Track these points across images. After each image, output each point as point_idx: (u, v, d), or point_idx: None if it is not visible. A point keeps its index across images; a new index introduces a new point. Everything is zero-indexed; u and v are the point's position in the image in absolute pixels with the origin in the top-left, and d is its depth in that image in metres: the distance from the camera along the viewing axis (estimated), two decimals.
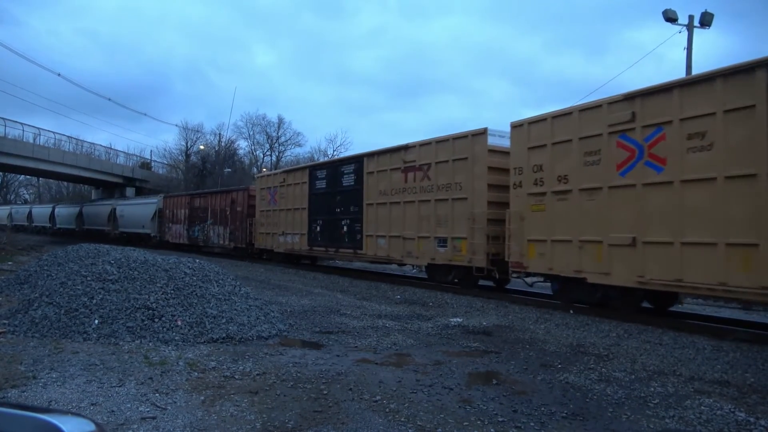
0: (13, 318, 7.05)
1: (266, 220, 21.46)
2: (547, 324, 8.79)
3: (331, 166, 18.03)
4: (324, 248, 17.81)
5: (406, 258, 14.24)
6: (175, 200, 30.47)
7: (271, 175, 22.37)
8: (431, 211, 13.32)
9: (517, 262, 11.03)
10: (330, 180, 17.50)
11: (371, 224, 15.47)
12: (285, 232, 19.94)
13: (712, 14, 18.21)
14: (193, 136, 52.90)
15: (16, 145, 34.34)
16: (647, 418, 4.33)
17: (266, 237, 21.41)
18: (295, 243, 19.38)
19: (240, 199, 23.69)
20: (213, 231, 25.58)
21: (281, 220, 20.29)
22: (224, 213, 24.75)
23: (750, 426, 4.20)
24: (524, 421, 4.19)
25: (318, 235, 17.99)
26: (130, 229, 34.88)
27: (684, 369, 5.97)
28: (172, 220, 30.08)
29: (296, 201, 19.30)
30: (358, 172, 16.16)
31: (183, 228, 28.78)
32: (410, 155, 14.12)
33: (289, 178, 20.10)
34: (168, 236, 30.38)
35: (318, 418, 4.12)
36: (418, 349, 6.78)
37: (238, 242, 23.50)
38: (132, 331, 6.56)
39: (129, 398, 4.42)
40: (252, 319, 7.54)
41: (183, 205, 29.03)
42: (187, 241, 28.38)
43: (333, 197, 17.22)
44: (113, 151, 48.23)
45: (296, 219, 19.24)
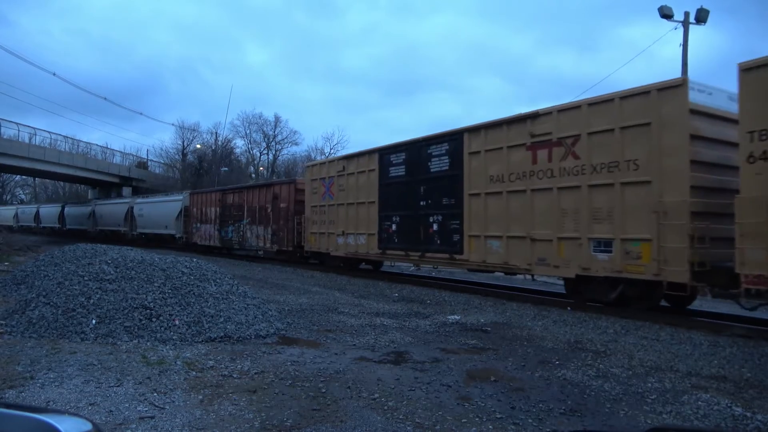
0: (10, 318, 7.02)
1: (319, 217, 17.98)
2: (544, 321, 8.81)
3: (413, 147, 14.04)
4: (403, 252, 14.23)
5: (536, 266, 10.49)
6: (203, 197, 27.29)
7: (325, 163, 18.43)
8: (582, 202, 9.58)
9: (759, 276, 7.02)
10: (411, 165, 13.91)
11: (477, 221, 11.86)
12: (346, 231, 16.46)
13: (707, 11, 18.25)
14: (189, 135, 52.83)
15: (12, 145, 34.21)
16: (645, 414, 4.34)
17: (319, 238, 17.95)
18: (360, 245, 15.86)
19: (284, 193, 20.36)
20: (250, 231, 22.33)
21: (340, 218, 16.77)
22: (264, 210, 21.38)
23: (747, 421, 4.22)
24: (522, 417, 4.20)
25: (394, 236, 14.48)
26: (150, 230, 32.02)
27: (681, 365, 6.00)
28: (201, 220, 26.97)
29: (361, 193, 15.81)
30: (455, 152, 12.52)
31: (213, 228, 25.65)
32: (542, 126, 10.40)
33: (351, 166, 16.42)
34: (196, 237, 27.35)
35: (316, 417, 4.12)
36: (416, 346, 6.79)
37: (283, 244, 20.10)
38: (129, 330, 6.54)
39: (127, 398, 4.41)
40: (250, 317, 7.54)
41: (213, 202, 25.82)
42: (218, 242, 25.29)
43: (415, 187, 13.69)
44: (109, 151, 48.24)
45: (361, 216, 15.78)
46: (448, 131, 13.11)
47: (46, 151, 37.19)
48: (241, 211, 23.17)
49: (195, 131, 53.29)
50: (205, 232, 26.51)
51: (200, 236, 26.97)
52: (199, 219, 27.24)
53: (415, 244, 13.73)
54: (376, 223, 15.13)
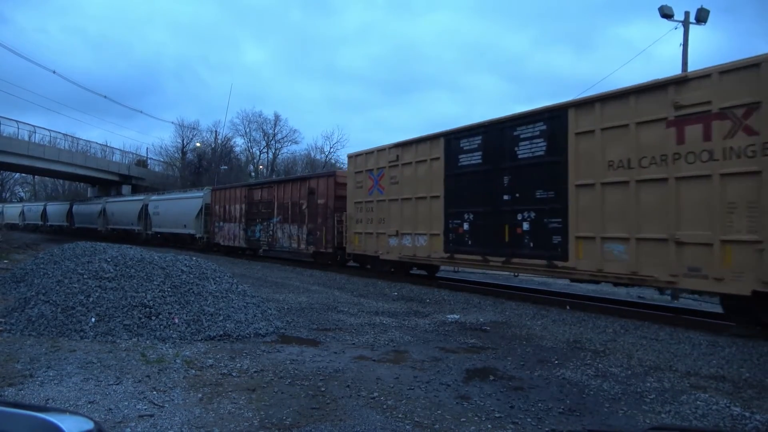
0: (9, 316, 7.02)
1: (365, 215, 15.64)
2: (543, 320, 8.82)
3: (493, 129, 11.56)
4: (479, 257, 11.73)
5: (684, 279, 8.05)
6: (226, 193, 24.97)
7: (373, 153, 15.58)
8: (764, 192, 7.20)
9: None
10: (490, 151, 11.58)
11: (588, 218, 9.44)
12: (400, 231, 14.10)
13: (707, 10, 18.25)
14: (189, 133, 52.81)
15: (11, 142, 34.20)
16: (643, 414, 4.35)
17: (365, 239, 15.63)
18: (419, 247, 13.48)
19: (322, 188, 18.06)
20: (282, 231, 20.08)
21: (392, 215, 14.44)
22: (298, 207, 19.17)
23: (745, 420, 4.22)
24: (521, 416, 4.21)
25: (465, 237, 12.09)
26: (167, 229, 29.94)
27: (680, 364, 6.00)
28: (224, 218, 24.72)
29: (420, 186, 13.45)
30: (555, 133, 10.07)
31: (238, 227, 23.41)
32: (693, 94, 8.01)
33: (408, 154, 14.04)
34: (218, 238, 25.21)
35: (316, 415, 4.12)
36: (416, 345, 6.79)
37: (321, 245, 17.84)
38: (129, 329, 6.55)
39: (126, 396, 4.41)
40: (249, 316, 7.54)
41: (238, 198, 23.60)
42: (244, 243, 23.09)
43: (496, 177, 11.29)
44: (109, 149, 48.23)
45: (421, 213, 13.42)
46: (543, 108, 10.47)
47: (46, 149, 37.18)
48: (271, 208, 20.95)
49: (195, 129, 53.35)
50: (229, 232, 24.28)
51: (223, 236, 24.82)
52: (221, 217, 25.01)
53: (496, 247, 11.21)
54: (441, 222, 12.74)
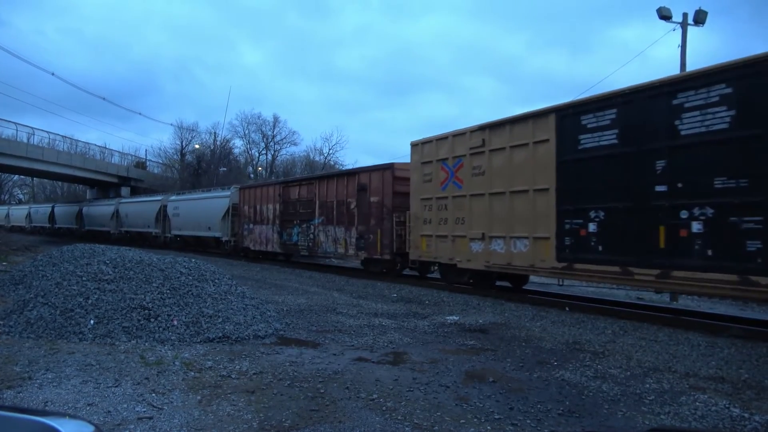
0: (8, 319, 7.01)
1: (436, 214, 13.11)
2: (543, 321, 8.82)
3: (637, 98, 8.78)
4: (617, 267, 8.89)
5: None
6: (257, 192, 22.44)
7: (447, 139, 12.88)
8: None
9: None
10: (631, 127, 8.82)
11: None
12: (488, 234, 11.52)
13: (705, 12, 18.27)
14: (188, 135, 52.77)
15: (10, 144, 34.16)
16: (643, 415, 4.35)
17: (437, 243, 13.08)
18: (516, 254, 10.85)
19: (376, 183, 15.53)
20: (325, 234, 17.68)
21: (475, 214, 11.91)
22: (345, 207, 16.77)
23: (744, 421, 4.23)
24: (520, 418, 4.21)
25: (592, 241, 9.35)
26: (189, 232, 27.62)
27: (679, 365, 6.01)
28: (254, 220, 22.27)
29: (518, 177, 10.82)
30: (750, 97, 7.43)
31: (272, 230, 20.92)
32: None
33: (498, 138, 11.41)
34: (247, 241, 22.71)
35: (315, 417, 4.12)
36: (415, 347, 6.79)
37: (374, 251, 15.39)
38: (128, 331, 6.54)
39: (125, 398, 4.41)
40: (248, 318, 7.54)
41: (271, 197, 21.17)
42: (278, 248, 20.57)
43: (642, 162, 8.59)
44: (108, 151, 48.16)
45: (518, 210, 10.85)
46: (726, 63, 7.76)
47: (45, 151, 37.12)
48: (311, 207, 18.52)
49: (193, 131, 53.29)
50: (261, 235, 21.73)
51: (253, 240, 22.28)
52: (251, 219, 22.49)
53: (645, 256, 8.47)
54: (551, 222, 10.11)
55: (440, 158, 13.11)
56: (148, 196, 35.13)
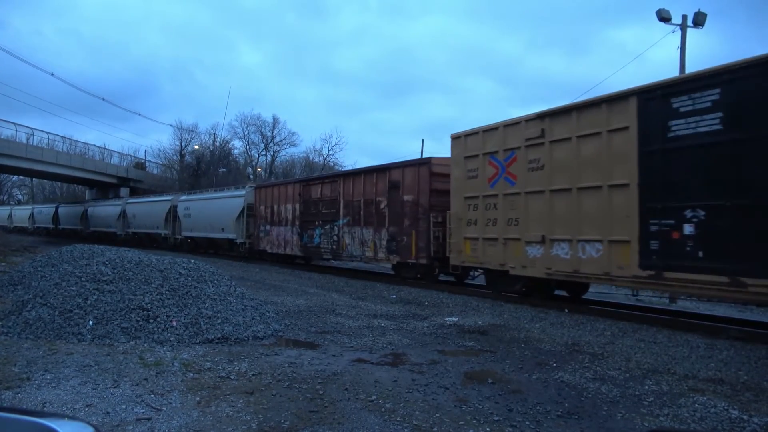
0: (6, 319, 7.00)
1: (483, 214, 11.77)
2: (542, 323, 8.82)
3: (748, 73, 7.37)
4: (726, 278, 7.47)
5: None
6: (275, 191, 21.24)
7: (497, 130, 11.56)
8: None
9: None
10: (741, 109, 7.45)
11: None
12: (549, 237, 10.13)
13: (705, 14, 18.30)
14: (187, 136, 52.76)
15: (9, 145, 34.11)
16: (642, 417, 4.35)
17: (484, 247, 11.69)
18: (587, 260, 9.39)
19: (410, 180, 14.21)
20: (350, 236, 16.42)
21: (533, 214, 10.58)
22: (374, 206, 15.42)
23: (743, 423, 4.23)
24: (519, 420, 4.21)
25: (688, 245, 7.94)
26: (201, 234, 26.39)
27: (678, 367, 6.01)
28: (271, 220, 21.10)
29: (588, 171, 9.41)
30: None
31: (291, 231, 19.75)
32: None
33: (561, 126, 10.01)
34: (264, 243, 21.55)
35: (314, 418, 4.12)
36: (414, 348, 6.79)
37: (408, 254, 14.08)
38: (127, 332, 6.53)
39: (124, 399, 4.40)
40: (247, 319, 7.53)
41: (290, 197, 19.98)
42: (298, 250, 19.44)
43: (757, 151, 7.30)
44: (107, 151, 47.96)
45: (588, 209, 9.40)
46: None
47: (44, 152, 37.07)
48: (335, 207, 17.25)
49: (193, 132, 53.28)
50: (279, 237, 20.53)
51: (270, 242, 21.08)
52: (268, 219, 21.29)
53: (760, 264, 7.17)
54: (632, 222, 8.69)
55: (488, 151, 11.72)
56: (157, 196, 33.41)
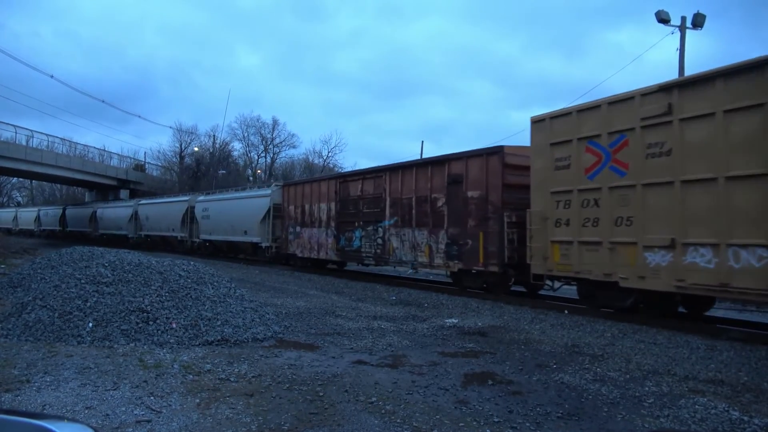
0: (6, 321, 6.99)
1: (578, 212, 9.78)
2: (542, 324, 8.81)
3: None
4: None
5: None
6: (306, 189, 19.27)
7: (598, 108, 9.57)
8: None
9: None
10: None
11: None
12: (683, 240, 8.12)
13: (704, 15, 18.35)
14: (187, 137, 52.81)
15: (9, 147, 34.12)
16: (642, 418, 4.35)
17: (580, 252, 9.73)
18: (743, 269, 7.36)
19: (476, 173, 12.19)
20: (399, 238, 14.32)
21: (652, 211, 8.60)
22: (429, 204, 13.35)
23: (744, 425, 4.22)
24: (520, 421, 4.20)
25: None
26: (221, 237, 24.61)
27: (678, 368, 6.01)
28: (301, 221, 19.20)
29: (738, 156, 7.54)
30: None
31: (325, 234, 17.75)
32: None
33: (696, 100, 8.03)
34: (294, 247, 19.60)
35: (314, 420, 4.11)
36: (414, 350, 6.78)
37: (474, 260, 12.04)
38: (126, 334, 6.53)
39: (124, 401, 4.40)
40: (247, 321, 7.53)
41: (324, 195, 17.96)
42: (334, 254, 17.39)
43: None
44: (107, 153, 47.98)
45: (739, 204, 7.52)
46: None
47: (44, 154, 37.07)
48: (379, 206, 15.19)
49: (193, 134, 53.34)
50: (311, 240, 18.61)
51: (301, 245, 19.17)
52: (298, 220, 19.45)
53: None
54: None
55: (585, 136, 9.70)
56: (173, 197, 31.56)
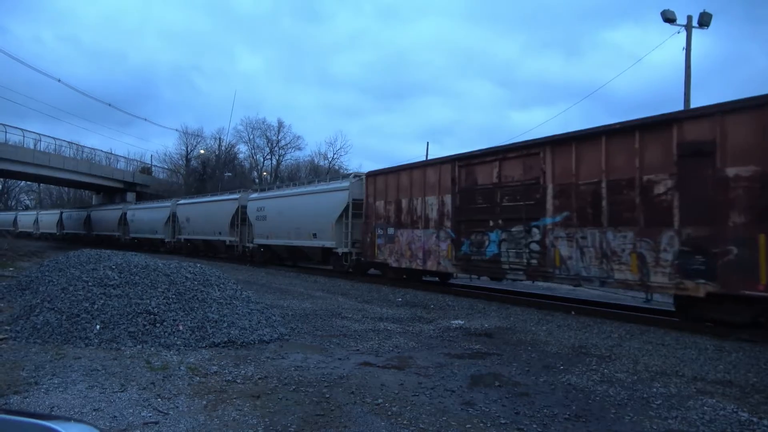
0: (14, 324, 7.05)
1: None
2: (548, 325, 8.78)
3: None
4: None
5: None
6: (402, 179, 14.77)
7: None
8: None
9: None
10: None
11: None
12: None
13: (710, 14, 18.25)
14: (193, 140, 53.06)
15: (17, 151, 34.44)
16: (650, 419, 4.32)
17: None
18: None
19: (742, 137, 7.60)
20: (572, 243, 9.94)
21: None
22: (639, 191, 8.83)
23: (753, 426, 4.19)
24: (527, 423, 4.19)
25: None
26: (281, 241, 20.59)
27: (686, 369, 5.97)
28: (396, 221, 14.79)
29: None
30: None
31: (435, 236, 13.34)
32: None
33: None
34: (385, 254, 15.22)
35: (320, 422, 4.11)
36: (420, 351, 6.77)
37: (748, 280, 7.38)
38: (133, 336, 6.55)
39: (131, 403, 4.41)
40: (253, 323, 7.54)
41: (432, 185, 13.57)
42: (451, 264, 12.88)
43: None
44: (113, 156, 48.42)
45: None
46: None
47: (51, 157, 37.36)
48: (534, 196, 10.83)
49: (198, 137, 53.59)
50: (411, 245, 14.16)
51: (396, 252, 14.77)
52: (391, 220, 15.10)
53: None
54: None
55: None
56: (219, 195, 27.55)
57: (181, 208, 29.50)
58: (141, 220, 33.87)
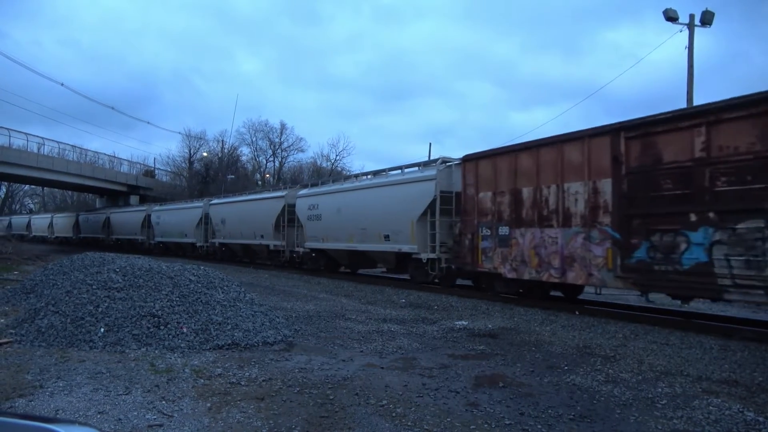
0: (19, 327, 7.07)
1: None
2: (552, 326, 8.76)
3: None
4: None
5: None
6: (521, 161, 11.34)
7: None
8: None
9: None
10: None
11: None
12: None
13: (712, 13, 18.21)
14: (196, 143, 53.18)
15: (21, 155, 34.62)
16: (655, 419, 4.30)
17: None
18: None
19: None
20: None
21: None
22: None
23: (759, 426, 4.17)
24: (531, 423, 4.18)
25: None
26: (340, 245, 17.41)
27: (691, 369, 5.94)
28: (512, 218, 11.47)
29: None
30: None
31: (582, 238, 9.86)
32: None
33: None
34: (494, 261, 11.82)
35: (324, 424, 4.11)
36: (424, 352, 6.77)
37: None
38: (138, 338, 6.57)
39: (136, 406, 4.42)
40: (257, 325, 7.55)
41: (573, 166, 10.15)
42: (612, 278, 9.27)
43: None
44: (116, 160, 48.56)
45: None
46: None
47: (55, 161, 37.55)
48: None
49: (201, 139, 53.72)
50: (538, 249, 10.81)
51: (511, 258, 11.47)
52: (503, 217, 11.75)
53: None
54: None
55: None
56: (263, 193, 24.37)
57: (214, 208, 26.26)
58: (168, 223, 30.59)
